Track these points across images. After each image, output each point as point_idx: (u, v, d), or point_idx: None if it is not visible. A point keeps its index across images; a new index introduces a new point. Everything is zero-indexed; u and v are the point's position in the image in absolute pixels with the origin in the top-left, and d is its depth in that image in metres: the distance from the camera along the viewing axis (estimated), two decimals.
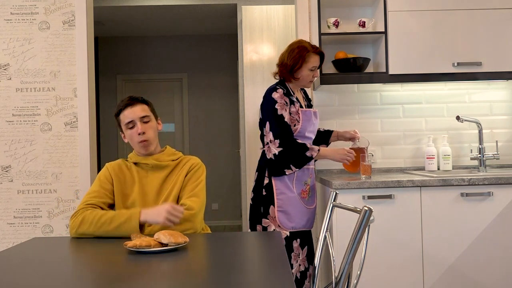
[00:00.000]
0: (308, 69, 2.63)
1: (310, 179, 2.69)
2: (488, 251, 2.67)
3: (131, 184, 2.13)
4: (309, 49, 2.62)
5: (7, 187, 3.22)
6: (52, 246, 1.86)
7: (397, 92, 3.30)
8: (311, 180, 2.70)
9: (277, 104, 2.56)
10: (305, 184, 2.66)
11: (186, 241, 1.68)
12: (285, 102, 2.58)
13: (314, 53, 2.63)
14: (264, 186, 2.61)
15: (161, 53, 7.07)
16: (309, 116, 2.66)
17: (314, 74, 2.66)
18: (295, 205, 2.61)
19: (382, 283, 2.66)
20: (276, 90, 2.59)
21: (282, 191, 2.59)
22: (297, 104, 2.63)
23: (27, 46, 3.24)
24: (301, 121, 2.61)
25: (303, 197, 2.65)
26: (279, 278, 1.31)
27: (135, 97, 2.18)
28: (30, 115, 3.23)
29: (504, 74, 2.98)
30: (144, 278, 1.33)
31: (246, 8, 4.62)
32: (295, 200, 2.61)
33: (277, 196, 2.59)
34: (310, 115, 2.66)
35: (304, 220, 2.63)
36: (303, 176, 2.65)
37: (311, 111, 2.69)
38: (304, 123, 2.62)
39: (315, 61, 2.63)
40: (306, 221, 2.64)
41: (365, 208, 1.53)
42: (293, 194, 2.61)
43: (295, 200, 2.61)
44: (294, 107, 2.61)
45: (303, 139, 2.64)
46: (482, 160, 3.11)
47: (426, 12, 2.96)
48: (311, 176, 2.70)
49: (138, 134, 2.11)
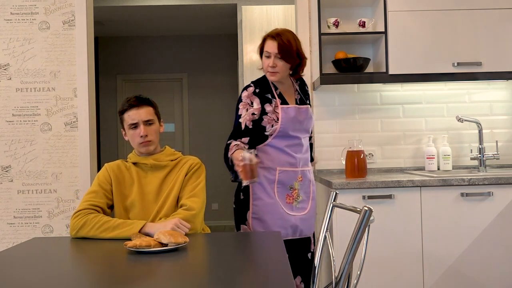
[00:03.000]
0: (264, 56, 2.37)
1: (298, 182, 2.40)
2: (488, 251, 2.67)
3: (130, 184, 2.13)
4: (268, 33, 2.39)
5: (7, 187, 3.22)
6: (52, 246, 1.86)
7: (397, 92, 3.30)
8: (301, 183, 2.41)
9: (240, 104, 2.37)
10: (291, 188, 2.39)
11: (186, 241, 1.68)
12: (250, 102, 2.35)
13: (269, 37, 2.37)
14: (242, 190, 2.39)
15: (161, 53, 7.07)
16: (292, 113, 2.38)
17: (270, 62, 2.34)
18: (273, 212, 2.34)
19: (382, 283, 2.66)
20: (246, 88, 2.40)
21: (259, 196, 2.35)
22: (276, 101, 2.38)
23: (27, 46, 3.24)
24: (280, 120, 2.34)
25: (289, 202, 2.38)
26: (279, 278, 1.31)
27: (142, 98, 2.16)
28: (30, 115, 3.23)
29: (504, 74, 2.98)
30: (144, 278, 1.33)
31: (246, 8, 4.62)
32: (273, 206, 2.35)
33: (253, 201, 2.35)
34: (293, 112, 2.38)
35: (287, 229, 2.35)
36: (287, 179, 2.38)
37: (294, 108, 2.40)
38: (284, 122, 2.35)
39: (269, 46, 2.35)
40: (292, 230, 2.37)
41: (365, 208, 1.53)
42: (272, 200, 2.35)
43: (274, 206, 2.35)
44: (270, 106, 2.36)
45: (289, 139, 2.38)
46: (482, 160, 3.11)
47: (426, 12, 2.95)
48: (299, 179, 2.41)
49: (140, 136, 2.11)
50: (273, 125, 2.35)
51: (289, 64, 2.36)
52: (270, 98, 2.38)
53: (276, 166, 2.36)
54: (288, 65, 2.37)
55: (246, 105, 2.36)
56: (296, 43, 2.38)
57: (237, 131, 2.33)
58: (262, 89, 2.39)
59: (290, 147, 2.39)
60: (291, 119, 2.37)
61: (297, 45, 2.37)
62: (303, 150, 2.45)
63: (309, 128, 2.49)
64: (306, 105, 2.48)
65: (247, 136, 2.32)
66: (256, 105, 2.35)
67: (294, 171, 2.40)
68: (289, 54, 2.34)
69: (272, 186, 2.36)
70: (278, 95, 2.41)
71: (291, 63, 2.36)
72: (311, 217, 2.48)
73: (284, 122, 2.35)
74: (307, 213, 2.44)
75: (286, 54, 2.33)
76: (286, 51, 2.33)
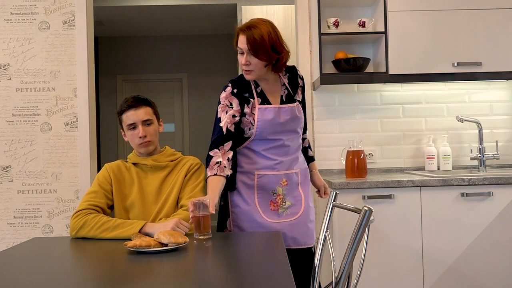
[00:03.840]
0: (239, 53, 2.11)
1: (282, 187, 2.17)
2: (488, 251, 2.67)
3: (130, 185, 2.13)
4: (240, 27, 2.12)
5: (7, 187, 3.22)
6: (52, 246, 1.86)
7: (397, 92, 3.30)
8: (286, 188, 2.18)
9: (219, 106, 2.15)
10: (274, 193, 2.17)
11: (186, 241, 1.69)
12: (228, 104, 2.14)
13: (240, 31, 2.10)
14: (222, 195, 2.18)
15: (161, 53, 7.07)
16: (269, 115, 2.14)
17: (242, 60, 2.09)
18: (251, 220, 2.14)
19: (382, 283, 2.66)
20: (224, 89, 2.17)
21: (236, 203, 2.17)
22: (254, 101, 2.15)
23: (27, 46, 3.24)
24: (255, 123, 2.13)
25: (273, 210, 2.17)
26: (279, 278, 1.31)
27: (140, 98, 2.15)
28: (30, 115, 3.23)
29: (504, 74, 2.98)
30: (144, 278, 1.33)
31: (246, 8, 4.62)
32: (250, 214, 2.15)
33: (231, 208, 2.18)
34: (271, 114, 2.14)
35: None
36: (268, 184, 2.16)
37: (273, 109, 2.15)
38: (261, 125, 2.13)
39: (241, 41, 2.08)
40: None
41: (365, 208, 1.53)
42: (249, 206, 2.15)
43: (251, 214, 2.15)
44: (248, 107, 2.14)
45: (268, 142, 2.16)
46: (482, 160, 3.11)
47: (426, 12, 2.96)
48: (283, 183, 2.18)
49: (139, 137, 2.11)
50: (250, 128, 2.14)
51: (264, 62, 2.08)
52: (248, 98, 2.15)
53: (254, 170, 2.16)
54: (263, 63, 2.09)
55: (225, 107, 2.13)
56: (271, 37, 2.07)
57: (219, 137, 2.10)
58: (240, 89, 2.16)
59: (270, 150, 2.17)
60: (269, 122, 2.13)
61: (272, 39, 2.07)
62: (290, 151, 2.21)
63: (296, 128, 2.21)
64: (292, 104, 2.20)
65: (229, 140, 2.10)
66: (235, 106, 2.13)
67: (276, 175, 2.16)
68: (261, 50, 2.05)
69: (251, 192, 2.17)
70: (259, 93, 2.18)
71: (265, 60, 2.07)
72: (304, 222, 2.20)
73: (261, 126, 2.13)
74: (297, 218, 2.19)
75: (258, 51, 2.05)
76: (257, 48, 2.05)
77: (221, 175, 2.04)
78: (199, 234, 1.83)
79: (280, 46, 2.10)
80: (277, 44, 2.08)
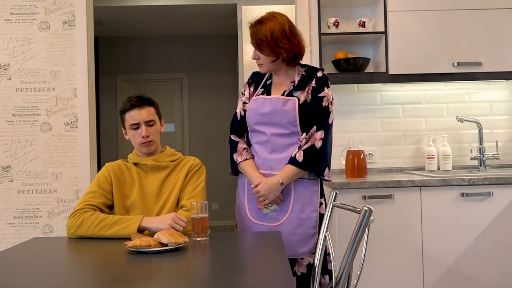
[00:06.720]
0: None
1: None
2: (488, 251, 2.67)
3: (130, 185, 2.13)
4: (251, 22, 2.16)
5: (7, 187, 3.22)
6: (52, 246, 1.86)
7: (397, 92, 3.30)
8: None
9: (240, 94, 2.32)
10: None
11: (186, 241, 1.69)
12: (243, 91, 2.29)
13: (250, 27, 2.15)
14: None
15: (161, 53, 7.07)
16: (253, 104, 2.17)
17: (252, 54, 2.16)
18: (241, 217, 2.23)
19: (382, 283, 2.66)
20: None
21: (237, 197, 2.27)
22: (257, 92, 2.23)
23: (27, 46, 3.24)
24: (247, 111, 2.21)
25: (259, 209, 2.17)
26: (279, 278, 1.31)
27: (144, 98, 2.16)
28: (30, 115, 3.23)
29: (504, 74, 2.98)
30: (144, 278, 1.33)
31: (246, 8, 4.62)
32: (239, 210, 2.23)
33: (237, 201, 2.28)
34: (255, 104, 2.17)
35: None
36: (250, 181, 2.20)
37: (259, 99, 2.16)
38: (247, 114, 2.19)
39: (250, 37, 2.15)
40: None
41: (365, 208, 1.53)
42: (239, 202, 2.24)
43: (241, 210, 2.21)
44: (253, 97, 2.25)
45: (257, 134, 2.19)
46: (482, 160, 3.11)
47: (426, 12, 2.96)
48: None
49: (142, 137, 2.11)
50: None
51: (270, 57, 2.11)
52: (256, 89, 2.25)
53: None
54: (270, 58, 2.11)
55: (241, 95, 2.30)
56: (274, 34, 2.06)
57: (234, 121, 2.27)
58: (255, 79, 2.28)
59: (259, 144, 2.18)
60: (253, 111, 2.17)
61: (275, 36, 2.06)
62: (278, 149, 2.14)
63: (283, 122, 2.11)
64: (285, 97, 2.13)
65: (241, 126, 2.24)
66: (247, 94, 2.27)
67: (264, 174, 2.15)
68: (265, 46, 2.07)
69: (242, 186, 2.25)
70: (267, 85, 2.21)
71: (272, 55, 2.09)
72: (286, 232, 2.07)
73: (247, 115, 2.19)
74: (278, 225, 2.11)
75: (262, 47, 2.08)
76: (260, 44, 2.08)
77: (250, 158, 2.21)
78: (196, 235, 1.83)
79: (286, 41, 2.08)
80: (281, 40, 2.08)
